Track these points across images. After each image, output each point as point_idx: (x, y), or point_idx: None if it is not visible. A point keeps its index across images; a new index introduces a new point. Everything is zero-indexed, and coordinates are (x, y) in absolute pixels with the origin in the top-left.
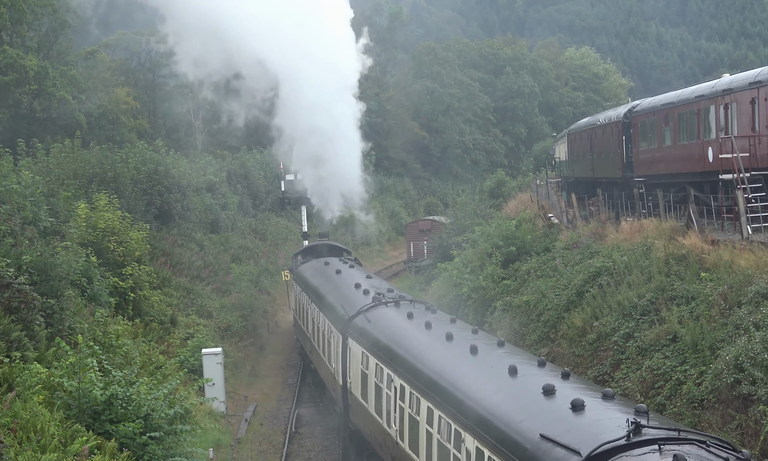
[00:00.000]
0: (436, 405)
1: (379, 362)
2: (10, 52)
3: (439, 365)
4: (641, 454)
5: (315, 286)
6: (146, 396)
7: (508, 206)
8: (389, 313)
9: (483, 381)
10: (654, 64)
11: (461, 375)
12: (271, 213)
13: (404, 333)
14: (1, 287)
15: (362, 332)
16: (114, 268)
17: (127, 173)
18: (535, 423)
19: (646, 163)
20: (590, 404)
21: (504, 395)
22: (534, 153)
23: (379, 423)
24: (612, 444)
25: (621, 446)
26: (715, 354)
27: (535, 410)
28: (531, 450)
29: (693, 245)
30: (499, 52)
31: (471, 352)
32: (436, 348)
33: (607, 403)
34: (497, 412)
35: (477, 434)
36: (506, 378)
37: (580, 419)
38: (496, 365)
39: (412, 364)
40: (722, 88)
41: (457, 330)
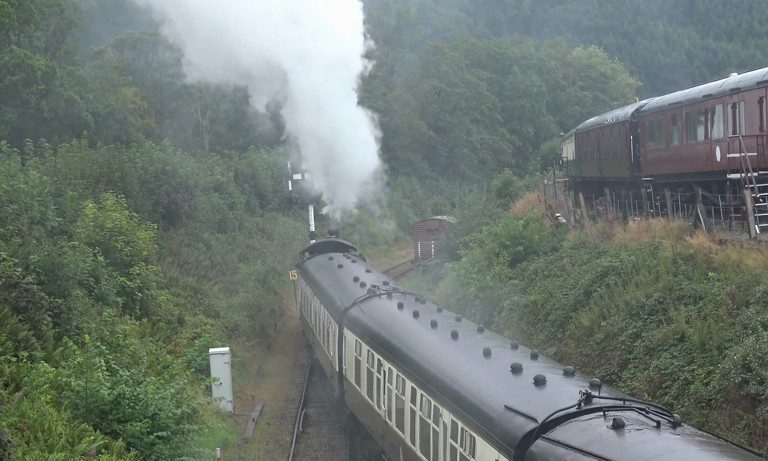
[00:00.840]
0: (419, 385)
1: (371, 349)
2: (17, 52)
3: (423, 349)
4: (588, 419)
5: (318, 280)
6: (153, 396)
7: (515, 205)
8: (382, 304)
9: (460, 363)
10: (661, 64)
11: (442, 357)
12: (278, 213)
13: (394, 322)
14: (9, 286)
15: (356, 322)
16: (121, 268)
17: (134, 172)
18: (502, 396)
19: (654, 162)
20: (551, 379)
21: (477, 374)
22: (541, 153)
23: (371, 405)
24: (564, 411)
25: (572, 413)
26: (722, 353)
27: (503, 386)
28: (496, 418)
29: (701, 245)
30: (506, 51)
31: (452, 337)
32: (422, 334)
33: (567, 379)
34: (470, 389)
35: (453, 408)
36: (481, 359)
37: (541, 392)
38: (473, 348)
39: (400, 349)
40: (730, 87)
41: (441, 319)
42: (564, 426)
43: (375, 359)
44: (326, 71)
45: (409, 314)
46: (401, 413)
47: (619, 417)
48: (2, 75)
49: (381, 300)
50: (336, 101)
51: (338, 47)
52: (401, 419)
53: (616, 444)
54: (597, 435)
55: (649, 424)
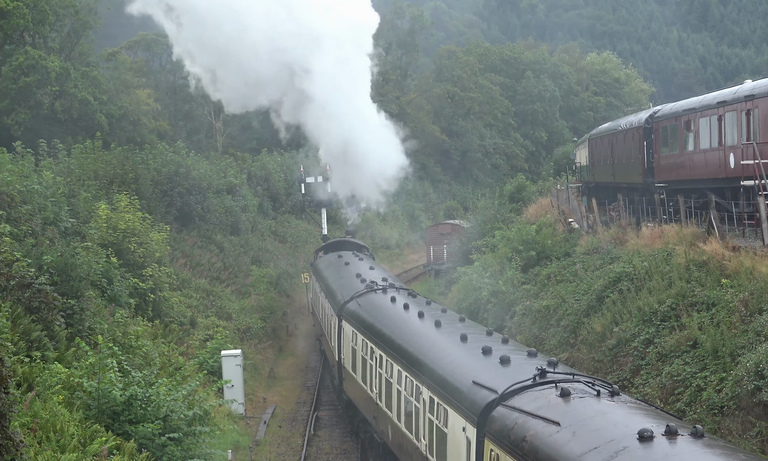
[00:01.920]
0: (404, 367)
1: (365, 338)
2: (32, 53)
3: (409, 336)
4: (541, 390)
5: (325, 276)
6: (165, 397)
7: (528, 210)
8: (377, 298)
9: (440, 347)
10: (675, 70)
11: (425, 343)
12: (291, 215)
13: (386, 314)
14: (22, 287)
15: (353, 315)
16: (134, 269)
17: (147, 174)
18: (471, 374)
19: (668, 168)
20: (515, 359)
21: (453, 356)
22: (554, 158)
23: (364, 390)
24: (521, 384)
25: (528, 385)
26: (735, 360)
27: (473, 365)
28: (465, 392)
29: (714, 252)
30: (520, 56)
31: (435, 326)
32: (410, 323)
33: (530, 358)
34: (446, 369)
35: (430, 386)
36: (458, 343)
37: (505, 369)
38: (453, 334)
39: (390, 337)
40: (744, 94)
41: (428, 310)
42: (520, 395)
43: (368, 347)
44: (345, 71)
45: (401, 306)
46: (389, 394)
47: (566, 387)
48: (17, 76)
49: (377, 295)
50: (354, 100)
51: (353, 46)
52: (389, 399)
53: (561, 407)
54: (546, 402)
55: (591, 393)
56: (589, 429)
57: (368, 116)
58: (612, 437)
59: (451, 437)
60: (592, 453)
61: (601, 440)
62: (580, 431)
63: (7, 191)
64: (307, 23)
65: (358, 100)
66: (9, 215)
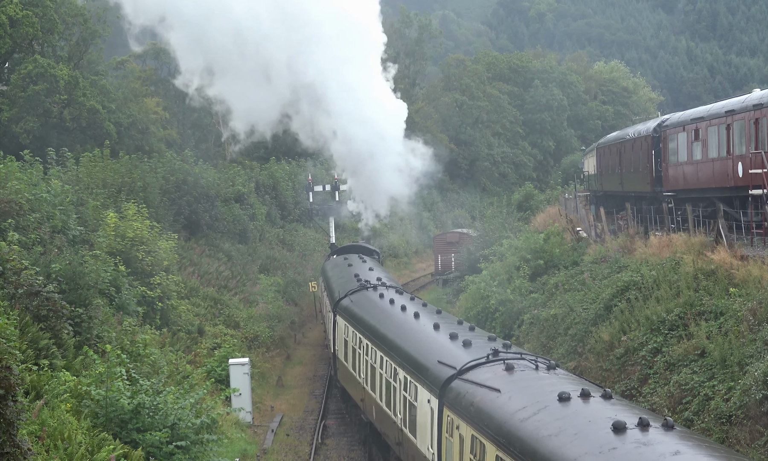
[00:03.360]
0: (385, 353)
1: (355, 330)
2: (41, 61)
3: (391, 327)
4: (492, 366)
5: (329, 277)
6: (173, 406)
7: (536, 219)
8: (368, 294)
9: (415, 334)
10: (684, 79)
11: (403, 332)
12: (299, 224)
13: (374, 308)
14: (30, 295)
15: (346, 310)
16: (142, 277)
17: (155, 182)
18: (438, 355)
19: (676, 177)
20: (476, 342)
21: (425, 342)
22: (562, 166)
23: (354, 376)
24: (476, 361)
25: (481, 362)
26: (743, 369)
27: (441, 348)
28: (431, 369)
29: (722, 261)
30: (528, 65)
31: (414, 317)
32: (393, 316)
33: (489, 342)
34: (418, 352)
35: (404, 367)
36: (431, 331)
37: (467, 351)
38: (428, 324)
39: (375, 327)
40: (752, 103)
41: (411, 304)
42: (474, 370)
43: (357, 338)
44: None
45: (387, 302)
46: (374, 378)
47: (511, 363)
48: (25, 84)
49: (368, 292)
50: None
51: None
52: (374, 383)
53: (504, 378)
54: (493, 374)
55: (531, 367)
56: (523, 394)
57: (387, 130)
58: (538, 399)
59: (420, 409)
60: (520, 411)
61: (529, 401)
62: (515, 396)
63: (15, 199)
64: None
65: (376, 110)
66: (17, 224)
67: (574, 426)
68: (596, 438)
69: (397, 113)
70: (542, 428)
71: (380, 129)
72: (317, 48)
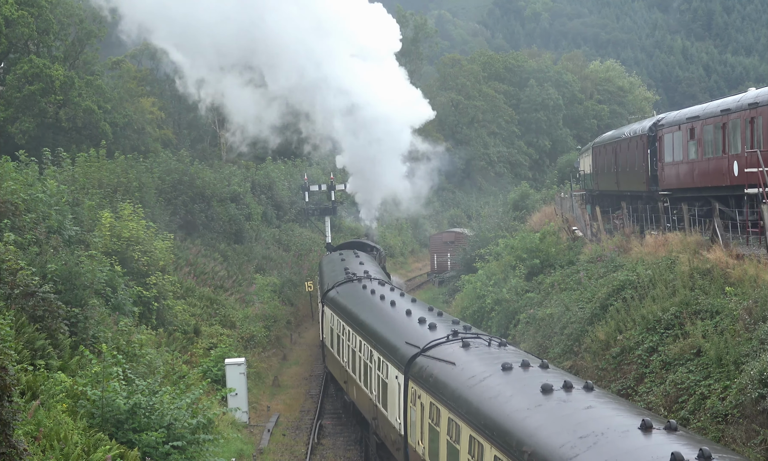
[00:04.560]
0: (363, 337)
1: (339, 318)
2: (36, 61)
3: (369, 314)
4: (451, 344)
5: (323, 271)
6: (169, 406)
7: (532, 218)
8: (353, 286)
9: (389, 320)
10: (679, 78)
11: (379, 318)
12: (295, 224)
13: (356, 298)
14: (26, 295)
15: (332, 300)
16: (138, 277)
17: (151, 182)
18: (406, 336)
19: (671, 176)
20: (440, 325)
21: (396, 326)
22: (558, 166)
23: (338, 361)
24: (438, 341)
25: (442, 341)
26: (739, 368)
27: (410, 330)
28: (400, 349)
29: (718, 260)
30: (523, 64)
31: (390, 305)
32: (372, 304)
33: (453, 325)
34: (390, 334)
35: (378, 348)
36: (403, 316)
37: (432, 332)
38: (401, 311)
39: (356, 315)
40: (748, 102)
41: (390, 294)
42: (436, 348)
43: (341, 325)
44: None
45: (369, 292)
46: (355, 361)
47: (467, 341)
48: (21, 85)
49: (353, 284)
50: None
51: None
52: (355, 366)
53: (460, 354)
54: (452, 351)
55: (485, 344)
56: (474, 366)
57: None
58: (485, 369)
59: (390, 384)
60: (470, 379)
61: (478, 371)
62: (467, 367)
63: (11, 200)
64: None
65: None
66: (13, 224)
67: (512, 389)
68: (528, 397)
69: (410, 108)
70: (486, 392)
71: (391, 120)
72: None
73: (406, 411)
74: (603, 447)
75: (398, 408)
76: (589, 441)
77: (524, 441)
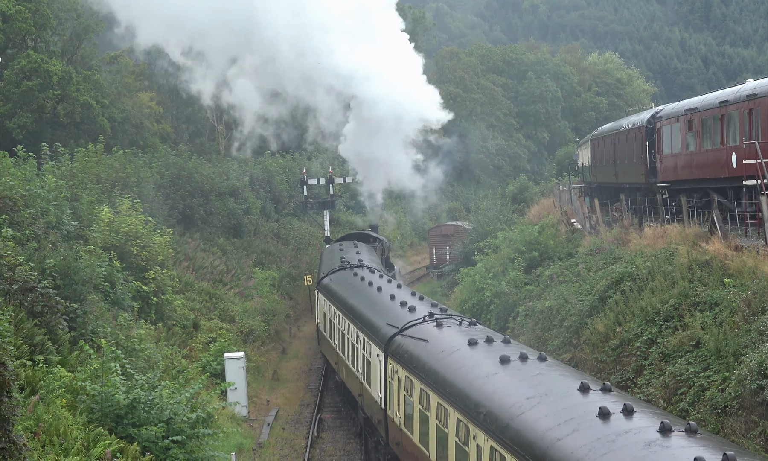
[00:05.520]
0: (350, 320)
1: (331, 304)
2: (34, 56)
3: (356, 298)
4: (426, 324)
5: (322, 260)
6: (168, 400)
7: (530, 211)
8: (345, 274)
9: (374, 303)
10: (677, 70)
11: (365, 301)
12: (293, 218)
13: (346, 284)
14: (25, 291)
15: (326, 287)
16: (137, 272)
17: (150, 177)
18: (387, 318)
19: (670, 168)
20: (419, 307)
21: (380, 309)
22: (557, 158)
23: (330, 343)
24: (415, 321)
25: (419, 322)
26: (738, 360)
27: (391, 313)
28: (381, 329)
29: (716, 251)
30: (521, 57)
31: (377, 290)
32: (360, 289)
33: (431, 307)
34: (374, 317)
35: (363, 330)
36: (387, 301)
37: (411, 314)
38: (386, 295)
39: (345, 299)
40: (746, 93)
41: (378, 280)
42: (413, 328)
43: (333, 310)
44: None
45: (359, 279)
46: (344, 343)
47: (441, 321)
48: (19, 80)
49: (345, 272)
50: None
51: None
52: (344, 347)
53: (433, 332)
54: (427, 330)
55: (456, 324)
56: (443, 342)
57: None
58: (454, 344)
59: (372, 362)
60: (439, 353)
61: (447, 346)
62: (438, 343)
63: (9, 195)
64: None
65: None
66: (12, 219)
67: (475, 361)
68: (488, 367)
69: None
70: (452, 364)
71: (400, 106)
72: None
73: (386, 385)
74: (545, 405)
75: (380, 383)
76: (534, 400)
77: (481, 403)
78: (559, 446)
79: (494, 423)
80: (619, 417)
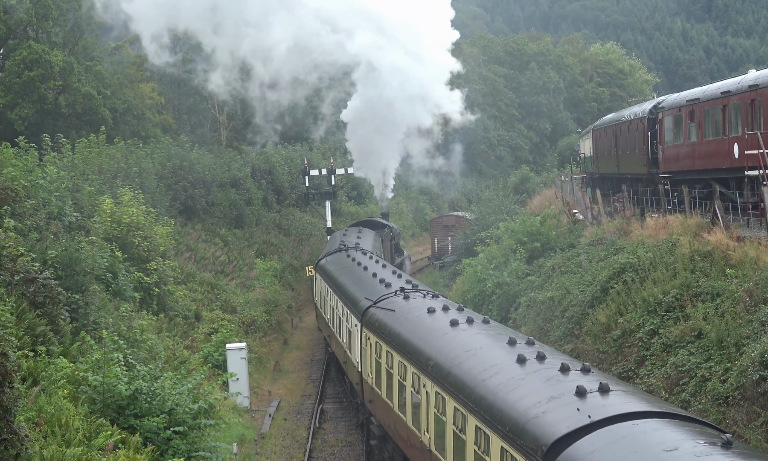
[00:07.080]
0: (339, 297)
1: (325, 282)
2: (35, 47)
3: (347, 278)
4: (396, 297)
5: (327, 245)
6: (170, 391)
7: (532, 202)
8: (341, 256)
9: (358, 280)
10: (680, 60)
11: (353, 280)
12: (295, 208)
13: (341, 266)
14: (27, 281)
15: (321, 268)
16: (138, 263)
17: (151, 168)
18: (365, 293)
19: (672, 159)
20: (394, 283)
21: (362, 285)
22: (559, 149)
23: (324, 318)
24: (386, 295)
25: (391, 295)
26: (740, 350)
27: (370, 288)
28: (360, 302)
29: (718, 242)
30: (523, 47)
31: (363, 269)
32: (352, 271)
33: (406, 284)
34: (354, 291)
35: (347, 304)
36: (370, 279)
37: (386, 289)
38: (370, 273)
39: (337, 279)
40: (748, 84)
41: (368, 262)
42: (384, 300)
43: (326, 288)
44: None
45: (350, 260)
46: (334, 317)
47: (408, 294)
48: (20, 70)
49: (340, 254)
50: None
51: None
52: (333, 321)
53: (401, 303)
54: (396, 301)
55: (421, 296)
56: (407, 311)
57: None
58: (416, 313)
59: (352, 332)
60: (403, 320)
61: (409, 314)
62: (402, 312)
63: (11, 186)
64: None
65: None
66: (13, 210)
67: (431, 325)
68: (439, 329)
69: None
70: (412, 328)
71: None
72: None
73: (361, 351)
74: (476, 356)
75: (358, 349)
76: (470, 353)
77: (431, 357)
78: (484, 384)
79: (439, 372)
80: (533, 362)
